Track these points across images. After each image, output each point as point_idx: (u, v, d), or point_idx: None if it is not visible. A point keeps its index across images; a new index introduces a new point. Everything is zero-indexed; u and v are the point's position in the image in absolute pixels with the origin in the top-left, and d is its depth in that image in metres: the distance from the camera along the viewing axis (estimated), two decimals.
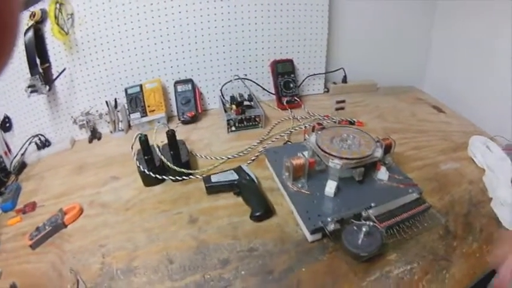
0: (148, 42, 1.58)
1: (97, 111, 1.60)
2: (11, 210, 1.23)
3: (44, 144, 1.61)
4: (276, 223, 1.02)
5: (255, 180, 1.13)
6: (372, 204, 0.93)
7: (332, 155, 1.01)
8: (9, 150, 1.64)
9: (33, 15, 1.40)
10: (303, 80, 1.78)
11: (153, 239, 0.99)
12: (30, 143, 1.57)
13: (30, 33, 1.38)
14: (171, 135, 1.18)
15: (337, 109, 1.32)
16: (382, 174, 1.04)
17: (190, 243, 0.96)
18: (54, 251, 1.00)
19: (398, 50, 1.82)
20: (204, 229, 1.01)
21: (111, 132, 1.61)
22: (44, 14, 1.43)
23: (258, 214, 1.02)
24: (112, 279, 0.88)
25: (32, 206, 1.23)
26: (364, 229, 0.84)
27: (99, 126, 1.64)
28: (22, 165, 1.53)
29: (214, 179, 1.15)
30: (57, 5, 1.41)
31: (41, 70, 1.45)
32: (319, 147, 1.05)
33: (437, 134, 1.42)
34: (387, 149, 1.07)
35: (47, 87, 1.46)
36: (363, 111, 1.59)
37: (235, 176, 1.14)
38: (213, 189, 1.14)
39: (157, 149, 1.20)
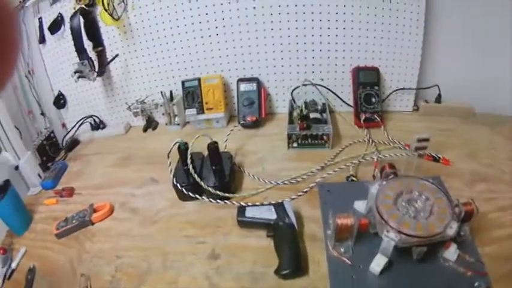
0: (210, 32, 1.45)
1: (153, 100, 1.54)
2: (51, 189, 1.27)
3: (98, 126, 1.61)
4: (302, 287, 0.83)
5: (295, 225, 0.93)
6: None
7: (389, 224, 0.78)
8: (64, 125, 1.70)
9: None
10: (389, 94, 1.52)
11: (167, 266, 0.92)
12: (82, 123, 1.59)
13: (77, 19, 1.36)
14: (212, 148, 1.05)
15: (417, 148, 1.06)
16: (451, 254, 0.80)
17: (201, 284, 0.86)
18: (76, 246, 1.01)
19: (504, 73, 1.47)
20: (222, 271, 0.89)
21: (166, 124, 1.55)
22: None
23: (284, 272, 0.83)
24: None
25: (70, 192, 1.24)
26: None
27: (156, 115, 1.60)
28: (74, 143, 1.57)
29: (249, 212, 0.98)
30: None
31: (90, 55, 1.43)
32: (377, 207, 0.82)
33: None
34: (467, 217, 0.82)
35: (95, 74, 1.44)
36: (453, 143, 1.31)
37: (273, 215, 0.96)
38: (245, 224, 0.98)
39: (191, 165, 1.07)
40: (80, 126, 1.58)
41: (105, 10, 1.37)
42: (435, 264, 0.80)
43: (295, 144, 1.31)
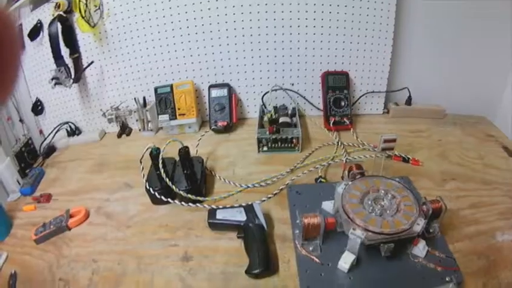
0: (182, 39, 1.47)
1: (127, 106, 1.55)
2: (29, 196, 1.27)
3: (74, 132, 1.61)
4: (274, 286, 0.84)
5: (265, 226, 0.95)
6: None
7: (355, 223, 0.80)
8: (41, 131, 1.70)
9: (58, 5, 1.38)
10: (359, 98, 1.56)
11: (142, 269, 0.93)
12: (59, 129, 1.59)
13: (54, 25, 1.37)
14: (183, 153, 1.07)
15: (384, 149, 1.09)
16: (419, 250, 0.82)
17: (175, 286, 0.87)
18: (54, 251, 1.02)
19: (473, 74, 1.51)
20: (194, 272, 0.90)
21: (139, 130, 1.55)
22: (70, 3, 1.40)
23: (254, 272, 0.85)
24: None
25: (47, 198, 1.25)
26: None
27: (129, 122, 1.61)
28: (51, 149, 1.56)
29: (219, 215, 1.00)
30: None
31: (67, 62, 1.45)
32: (343, 206, 0.85)
33: (502, 187, 1.13)
34: (435, 215, 0.85)
35: (71, 81, 1.45)
36: (424, 144, 1.35)
37: (243, 217, 0.98)
38: (216, 226, 1.00)
39: (163, 170, 1.07)
40: (56, 132, 1.57)
41: (82, 17, 1.38)
42: (404, 260, 0.82)
43: (265, 148, 1.34)
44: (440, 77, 1.55)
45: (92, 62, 1.49)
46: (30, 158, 1.50)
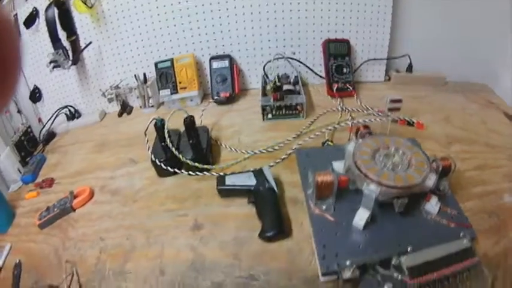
0: (181, 13, 1.45)
1: (127, 84, 1.53)
2: (31, 183, 1.25)
3: (73, 115, 1.59)
4: (287, 248, 0.83)
5: (276, 189, 0.94)
6: (409, 249, 0.71)
7: (369, 177, 0.79)
8: (40, 119, 1.67)
9: None
10: (360, 65, 1.54)
11: (151, 242, 0.91)
12: (58, 115, 1.57)
13: (51, 10, 1.37)
14: (189, 122, 1.05)
15: (390, 109, 1.08)
16: (432, 206, 0.81)
17: (187, 256, 0.85)
18: (59, 235, 0.99)
19: (475, 41, 1.49)
20: (206, 240, 0.88)
21: (141, 107, 1.54)
22: None
23: (268, 235, 0.84)
24: (103, 279, 0.84)
25: (50, 182, 1.23)
26: (387, 286, 0.64)
27: (130, 100, 1.59)
28: (51, 135, 1.54)
29: (228, 181, 0.99)
30: None
31: (65, 44, 1.44)
32: (355, 162, 0.83)
33: (507, 151, 1.13)
34: (445, 172, 0.84)
35: (70, 63, 1.44)
36: (426, 109, 1.33)
37: (253, 181, 0.96)
38: (226, 193, 0.99)
39: (169, 139, 1.06)
40: (55, 118, 1.55)
41: None
42: (417, 217, 0.81)
43: (269, 116, 1.32)
44: (440, 44, 1.53)
45: (90, 43, 1.47)
46: (30, 147, 1.47)
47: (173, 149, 1.05)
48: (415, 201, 0.81)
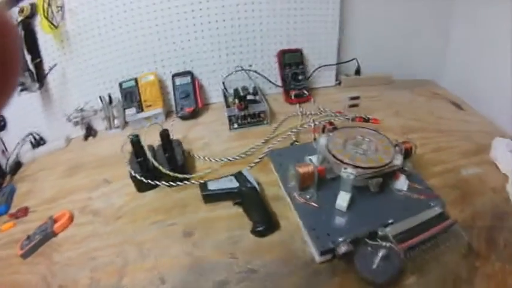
0: (143, 32, 1.48)
1: (92, 107, 1.52)
2: (5, 214, 1.21)
3: (38, 142, 1.56)
4: (280, 240, 0.90)
5: (257, 188, 1.01)
6: (390, 221, 0.81)
7: (345, 162, 0.88)
8: (6, 149, 1.60)
9: (21, 10, 1.36)
10: (313, 72, 1.65)
11: (145, 255, 0.91)
12: (23, 143, 1.54)
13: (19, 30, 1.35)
14: (164, 135, 1.08)
15: (350, 106, 1.18)
16: (401, 183, 0.91)
17: (184, 261, 0.87)
18: (44, 262, 0.95)
19: (415, 41, 1.66)
20: (200, 244, 0.91)
21: (106, 129, 1.54)
22: (33, 8, 1.38)
23: (259, 229, 0.90)
24: None
25: (24, 211, 1.19)
26: (380, 253, 0.73)
27: (94, 122, 1.57)
28: (17, 165, 1.50)
29: (211, 186, 1.03)
30: None
31: (31, 67, 1.42)
32: (330, 152, 0.92)
33: (457, 133, 1.28)
34: (407, 154, 0.94)
35: (37, 85, 1.42)
36: (378, 106, 1.46)
37: (234, 183, 1.02)
38: (210, 197, 1.03)
39: (148, 152, 1.10)
40: (21, 146, 1.52)
41: (45, 18, 1.35)
42: (390, 194, 0.91)
43: (235, 125, 1.39)
44: (385, 46, 1.69)
45: (55, 65, 1.46)
46: None
47: (153, 161, 1.08)
48: (385, 181, 0.91)
